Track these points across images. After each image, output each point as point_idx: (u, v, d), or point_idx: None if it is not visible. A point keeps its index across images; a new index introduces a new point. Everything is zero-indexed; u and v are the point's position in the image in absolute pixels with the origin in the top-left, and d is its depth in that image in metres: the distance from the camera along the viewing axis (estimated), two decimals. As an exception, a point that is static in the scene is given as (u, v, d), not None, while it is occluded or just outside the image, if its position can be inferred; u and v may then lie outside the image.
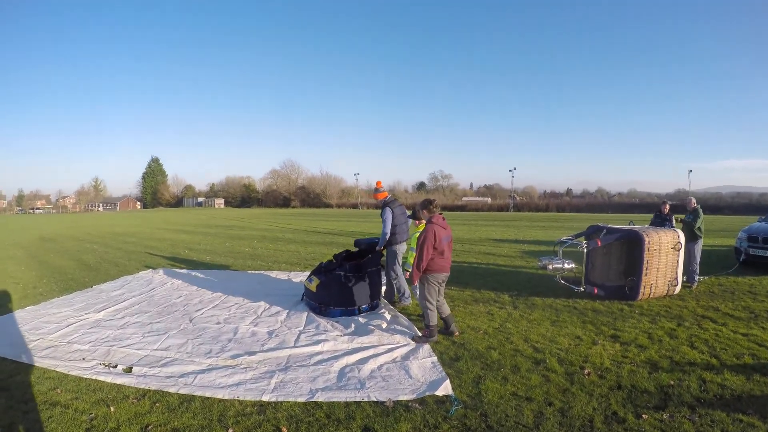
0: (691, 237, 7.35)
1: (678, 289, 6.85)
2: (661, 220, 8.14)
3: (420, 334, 5.02)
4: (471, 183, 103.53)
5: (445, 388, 3.65)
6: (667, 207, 8.22)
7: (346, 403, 3.47)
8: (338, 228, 23.75)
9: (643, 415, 3.21)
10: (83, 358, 4.37)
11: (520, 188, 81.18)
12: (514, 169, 70.83)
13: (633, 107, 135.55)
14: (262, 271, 9.49)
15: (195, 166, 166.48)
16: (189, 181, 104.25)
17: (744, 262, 9.32)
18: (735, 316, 5.77)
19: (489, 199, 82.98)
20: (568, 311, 6.14)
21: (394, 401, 3.46)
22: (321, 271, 6.47)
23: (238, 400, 3.51)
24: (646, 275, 6.54)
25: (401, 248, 6.40)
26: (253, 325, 5.48)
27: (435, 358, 4.35)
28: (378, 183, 6.69)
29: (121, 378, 3.90)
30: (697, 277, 7.55)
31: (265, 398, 3.54)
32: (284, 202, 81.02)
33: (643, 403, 3.41)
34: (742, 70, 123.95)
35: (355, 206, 74.43)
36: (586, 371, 4.01)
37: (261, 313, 6.04)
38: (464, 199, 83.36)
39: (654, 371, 4.01)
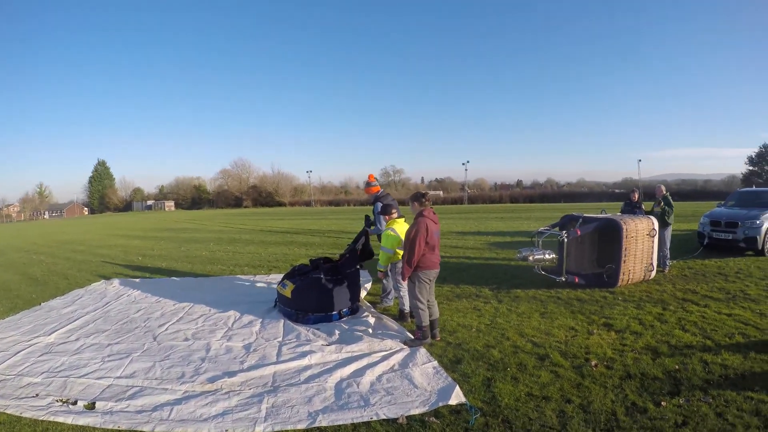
0: (662, 224, 7.79)
1: (653, 274, 7.23)
2: (631, 208, 8.56)
3: (412, 337, 4.90)
4: (422, 177, 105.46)
5: (457, 396, 3.53)
6: (637, 195, 8.67)
7: (353, 425, 3.22)
8: (295, 226, 23.31)
9: (662, 403, 3.29)
10: (36, 395, 3.81)
11: (471, 181, 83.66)
12: (467, 162, 73.26)
13: (578, 99, 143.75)
14: (225, 276, 9.02)
15: (143, 168, 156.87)
16: (137, 184, 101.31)
17: (707, 246, 10.06)
18: (714, 298, 6.18)
19: (441, 193, 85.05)
20: (553, 302, 6.28)
21: (406, 417, 3.28)
22: (295, 275, 6.19)
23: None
24: (624, 262, 6.84)
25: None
26: (226, 340, 5.09)
27: (436, 363, 4.23)
28: (370, 176, 6.45)
29: (84, 417, 3.39)
30: (668, 262, 8.02)
31: (259, 429, 3.21)
32: (236, 202, 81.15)
33: (657, 390, 3.50)
34: (686, 62, 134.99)
35: (308, 204, 75.46)
36: (593, 363, 4.07)
37: (232, 325, 5.65)
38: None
39: (657, 357, 4.15)
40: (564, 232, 7.24)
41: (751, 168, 59.25)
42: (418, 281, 4.74)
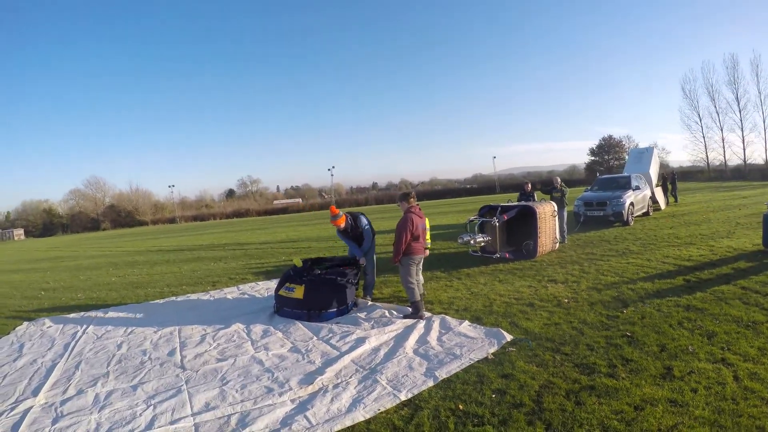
0: (561, 206, 10.73)
1: (558, 245, 10.03)
2: (526, 197, 11.38)
3: (410, 311, 6.09)
4: (278, 186, 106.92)
5: (507, 335, 4.99)
6: (529, 186, 11.56)
7: (463, 369, 4.14)
8: (183, 244, 22.64)
9: (624, 310, 5.50)
10: None
11: (327, 186, 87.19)
12: (333, 168, 77.79)
13: (422, 105, 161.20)
14: (178, 298, 8.66)
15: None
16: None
17: (584, 222, 13.75)
18: (610, 255, 9.18)
19: (300, 200, 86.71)
20: (500, 273, 8.38)
21: (491, 354, 4.57)
22: (293, 278, 6.87)
23: (385, 413, 3.49)
24: (540, 238, 9.41)
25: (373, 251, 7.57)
26: (266, 350, 5.16)
27: (467, 321, 5.65)
28: (333, 208, 7.47)
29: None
30: (566, 235, 11.05)
31: (403, 397, 3.68)
32: (93, 225, 75.94)
33: (615, 306, 5.73)
34: (514, 72, 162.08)
35: (173, 221, 74.50)
36: (565, 301, 6.16)
37: (251, 337, 5.71)
38: (276, 202, 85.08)
39: (600, 291, 6.49)
40: (494, 218, 9.52)
41: (593, 158, 74.55)
42: (407, 265, 6.07)
